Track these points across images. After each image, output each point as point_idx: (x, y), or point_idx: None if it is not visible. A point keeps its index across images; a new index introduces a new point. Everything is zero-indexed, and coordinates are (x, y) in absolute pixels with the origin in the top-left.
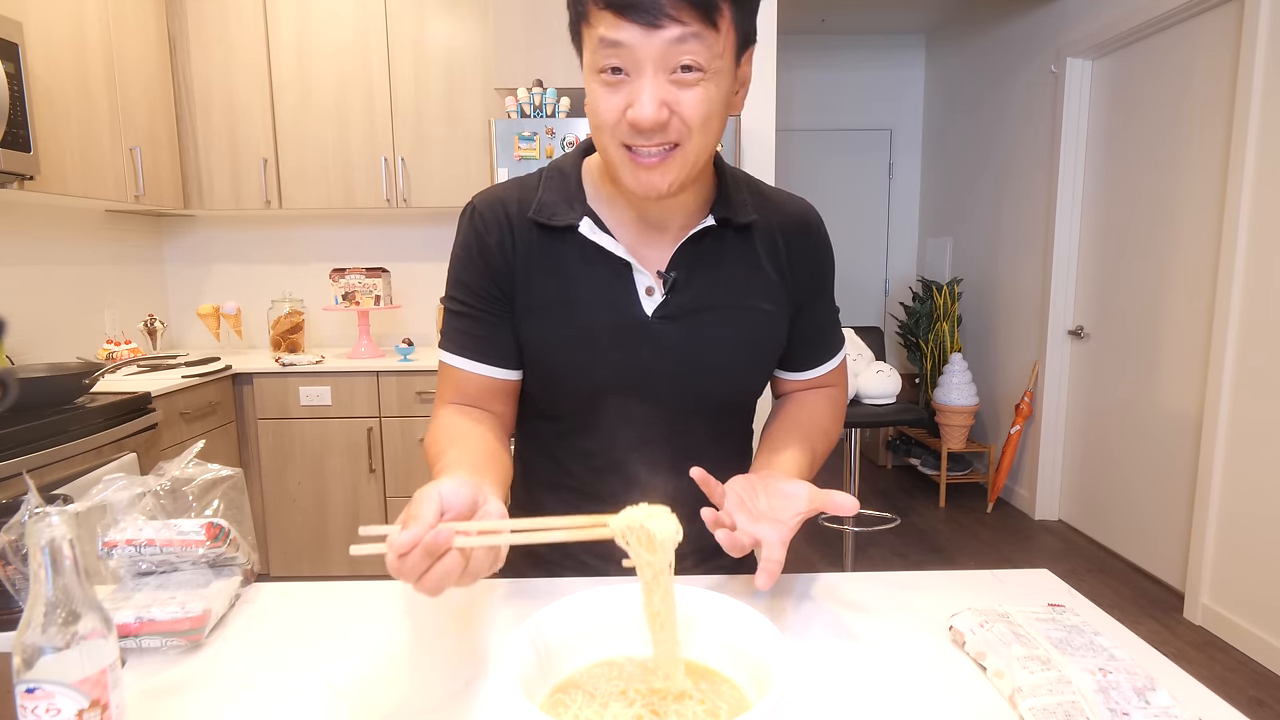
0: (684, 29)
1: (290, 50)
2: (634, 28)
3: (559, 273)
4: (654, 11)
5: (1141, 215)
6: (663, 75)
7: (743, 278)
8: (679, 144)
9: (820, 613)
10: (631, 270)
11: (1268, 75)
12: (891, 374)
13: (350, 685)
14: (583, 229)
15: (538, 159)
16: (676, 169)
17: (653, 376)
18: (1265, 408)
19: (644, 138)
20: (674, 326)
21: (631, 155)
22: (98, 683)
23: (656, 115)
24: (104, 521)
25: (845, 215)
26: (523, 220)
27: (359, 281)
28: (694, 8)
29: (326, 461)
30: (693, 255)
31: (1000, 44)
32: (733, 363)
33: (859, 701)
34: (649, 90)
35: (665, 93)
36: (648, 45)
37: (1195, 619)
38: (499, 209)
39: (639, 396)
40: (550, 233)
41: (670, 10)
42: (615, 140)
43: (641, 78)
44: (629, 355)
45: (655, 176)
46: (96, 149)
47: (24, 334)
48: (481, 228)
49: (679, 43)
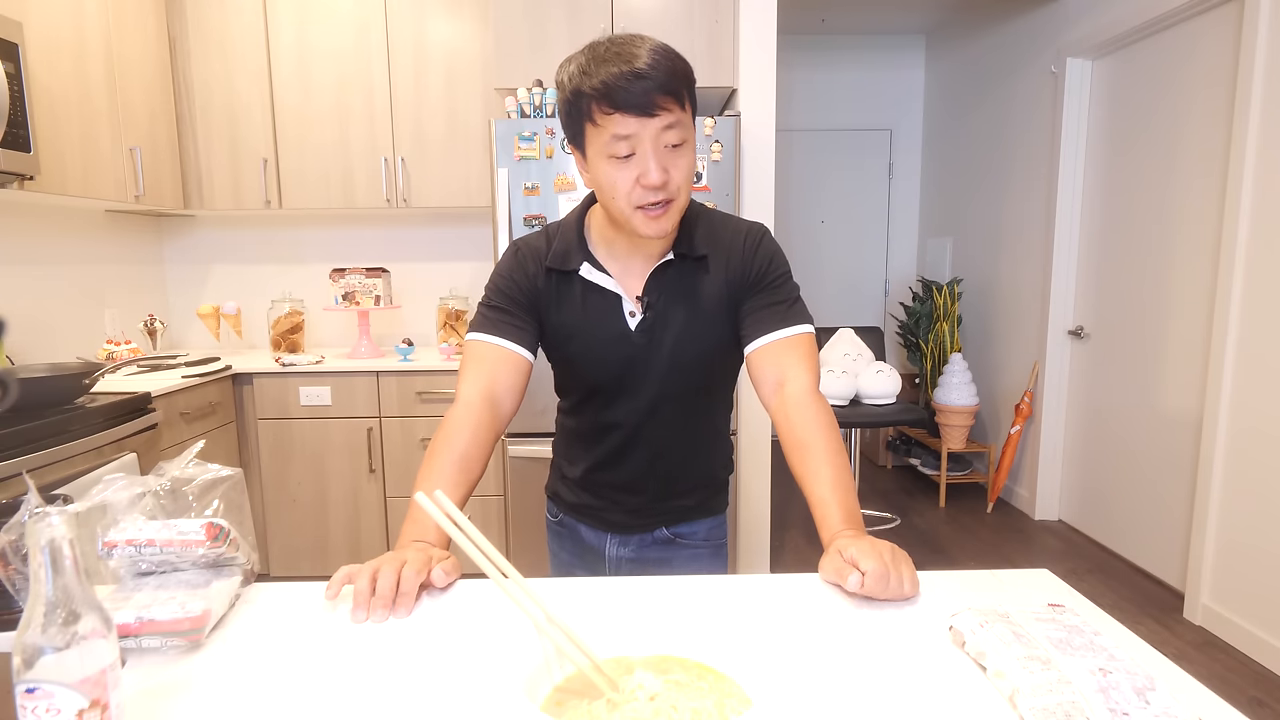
0: (670, 115)
1: (290, 50)
2: (637, 120)
3: (570, 304)
4: (649, 107)
5: (1142, 215)
6: (659, 149)
7: (699, 297)
8: (673, 199)
9: (819, 613)
10: (621, 299)
11: (1268, 75)
12: (891, 374)
13: (350, 685)
14: (583, 272)
15: (537, 159)
16: (674, 215)
17: (636, 373)
18: (1265, 408)
19: (652, 195)
20: (649, 338)
21: (644, 211)
22: (98, 683)
23: (661, 177)
24: (104, 521)
25: (845, 215)
26: (543, 265)
27: (359, 281)
28: (673, 98)
29: (326, 461)
30: (661, 281)
31: (1000, 44)
32: (694, 360)
33: (859, 701)
34: (654, 161)
35: (664, 161)
36: (647, 130)
37: (1195, 619)
38: (534, 252)
39: (628, 386)
40: (561, 275)
41: (659, 102)
42: (630, 204)
43: (645, 154)
44: (620, 359)
45: (663, 222)
46: (96, 149)
47: (24, 334)
48: (524, 259)
49: (667, 126)
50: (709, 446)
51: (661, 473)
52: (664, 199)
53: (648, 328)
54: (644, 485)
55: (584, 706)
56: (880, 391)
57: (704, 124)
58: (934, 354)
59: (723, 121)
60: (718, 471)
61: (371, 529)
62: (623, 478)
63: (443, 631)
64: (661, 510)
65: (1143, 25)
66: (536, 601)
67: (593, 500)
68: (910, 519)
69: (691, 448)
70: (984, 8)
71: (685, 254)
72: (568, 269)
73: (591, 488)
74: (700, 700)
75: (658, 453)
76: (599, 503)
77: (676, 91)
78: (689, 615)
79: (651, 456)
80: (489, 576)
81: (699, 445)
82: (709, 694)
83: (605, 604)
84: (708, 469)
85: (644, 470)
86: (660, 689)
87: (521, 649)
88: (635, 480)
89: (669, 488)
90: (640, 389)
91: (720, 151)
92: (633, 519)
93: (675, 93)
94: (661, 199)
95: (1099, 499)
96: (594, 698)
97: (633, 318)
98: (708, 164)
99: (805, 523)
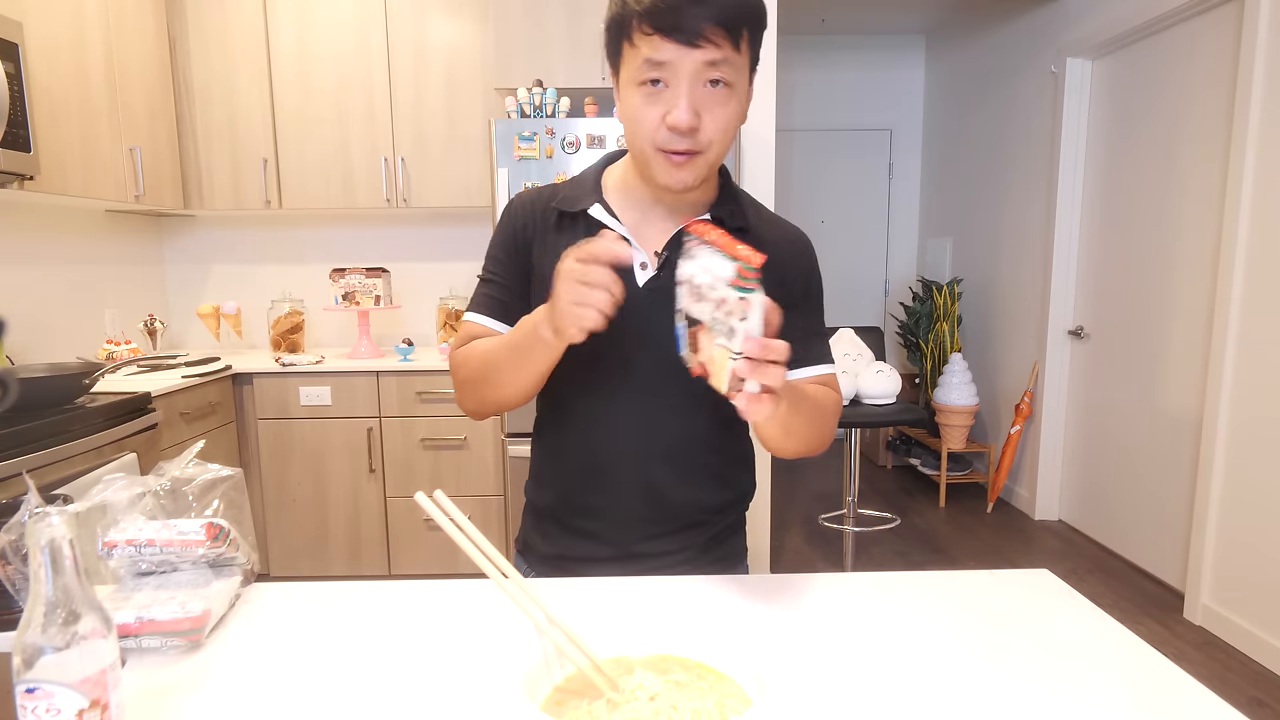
0: (717, 51)
1: (290, 50)
2: (676, 47)
3: (568, 248)
4: (694, 34)
5: (1141, 215)
6: (696, 88)
7: None
8: (702, 151)
9: (820, 613)
10: (630, 247)
11: (1268, 75)
12: (891, 374)
13: (350, 685)
14: (592, 211)
15: (538, 159)
16: (700, 168)
17: (637, 341)
18: (1265, 408)
19: (677, 140)
20: (661, 299)
21: (666, 156)
22: (98, 683)
23: (690, 120)
24: (104, 521)
25: (845, 215)
26: (547, 209)
27: (359, 281)
28: (726, 32)
29: (326, 461)
30: None
31: (1000, 44)
32: None
33: (859, 701)
34: (686, 99)
35: (698, 102)
36: (686, 61)
37: (1195, 619)
38: (530, 200)
39: (624, 358)
40: (567, 217)
41: (708, 33)
42: (651, 144)
43: (678, 89)
44: (621, 319)
45: (684, 173)
46: (96, 149)
47: (24, 334)
48: (513, 213)
49: (711, 62)
50: (719, 442)
51: (661, 484)
52: (689, 148)
53: (659, 285)
54: (637, 503)
55: (584, 706)
56: (880, 391)
57: None
58: (934, 354)
59: None
60: (736, 475)
61: (371, 529)
62: (613, 493)
63: (443, 631)
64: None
65: (1143, 25)
66: (536, 601)
67: (573, 543)
68: (910, 519)
69: (700, 444)
70: (984, 8)
71: (725, 220)
72: (576, 209)
73: (573, 517)
74: (700, 700)
75: (657, 453)
76: (582, 543)
77: (734, 26)
78: (689, 615)
79: (648, 459)
80: (489, 576)
81: (709, 440)
82: (709, 694)
83: (605, 604)
84: (720, 472)
85: (639, 484)
86: (660, 689)
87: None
88: (627, 495)
89: (668, 512)
90: (636, 362)
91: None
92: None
93: (732, 27)
94: (686, 147)
95: (1099, 499)
96: (594, 698)
97: (644, 270)
98: None
99: (805, 523)
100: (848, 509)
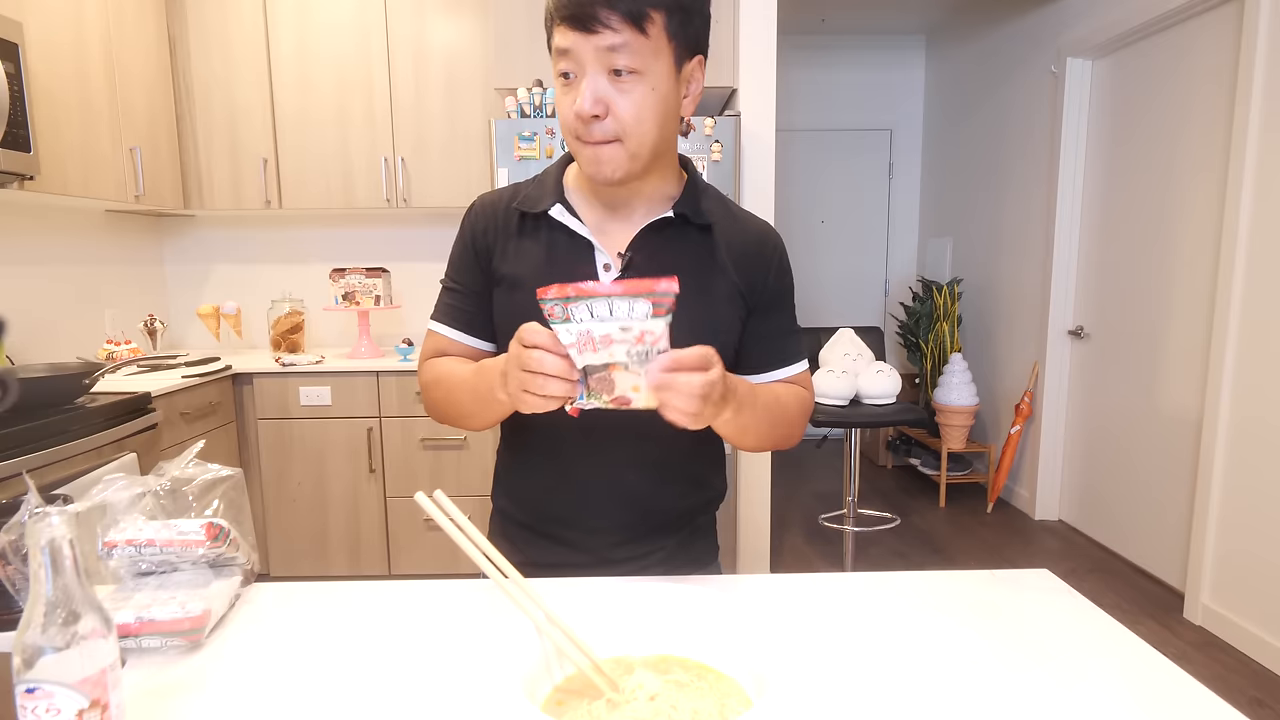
0: (616, 36)
1: (290, 50)
2: (575, 34)
3: (530, 252)
4: (589, 19)
5: (1142, 215)
6: (601, 76)
7: (699, 270)
8: (619, 139)
9: (820, 613)
10: (593, 249)
11: (1268, 75)
12: (891, 374)
13: (350, 685)
14: (553, 212)
15: (538, 159)
16: (622, 160)
17: None
18: (1265, 408)
19: (585, 129)
20: None
21: (584, 146)
22: (98, 683)
23: (591, 108)
24: (104, 521)
25: (845, 215)
26: (508, 211)
27: (359, 281)
28: (624, 16)
29: (326, 461)
30: (653, 243)
31: (1000, 44)
32: (678, 342)
33: (859, 701)
34: (587, 86)
35: (603, 91)
36: (586, 48)
37: (1195, 619)
38: (490, 203)
39: None
40: (529, 219)
41: (604, 19)
42: (571, 135)
43: (583, 78)
44: None
45: (604, 166)
46: (96, 149)
47: (24, 334)
48: (474, 218)
49: (611, 49)
50: (690, 446)
51: (633, 490)
52: (601, 138)
53: None
54: (612, 510)
55: (584, 706)
56: (880, 391)
57: (704, 124)
58: (934, 354)
59: (722, 121)
60: (709, 477)
61: (371, 529)
62: (586, 502)
63: (443, 631)
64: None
65: (1143, 25)
66: (536, 601)
67: (545, 550)
68: (910, 519)
69: (672, 449)
70: (984, 8)
71: (688, 217)
72: (537, 210)
73: (544, 524)
74: (700, 700)
75: (616, 465)
76: (553, 549)
77: (631, 10)
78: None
79: (619, 465)
80: (489, 576)
81: (680, 444)
82: (709, 694)
83: (605, 604)
84: (695, 475)
85: (611, 490)
86: (660, 689)
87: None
88: (601, 503)
89: (643, 514)
90: None
91: (720, 151)
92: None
93: (629, 11)
94: (599, 137)
95: (1099, 499)
96: (594, 698)
97: (607, 272)
98: (708, 164)
99: (805, 522)
100: (848, 509)
